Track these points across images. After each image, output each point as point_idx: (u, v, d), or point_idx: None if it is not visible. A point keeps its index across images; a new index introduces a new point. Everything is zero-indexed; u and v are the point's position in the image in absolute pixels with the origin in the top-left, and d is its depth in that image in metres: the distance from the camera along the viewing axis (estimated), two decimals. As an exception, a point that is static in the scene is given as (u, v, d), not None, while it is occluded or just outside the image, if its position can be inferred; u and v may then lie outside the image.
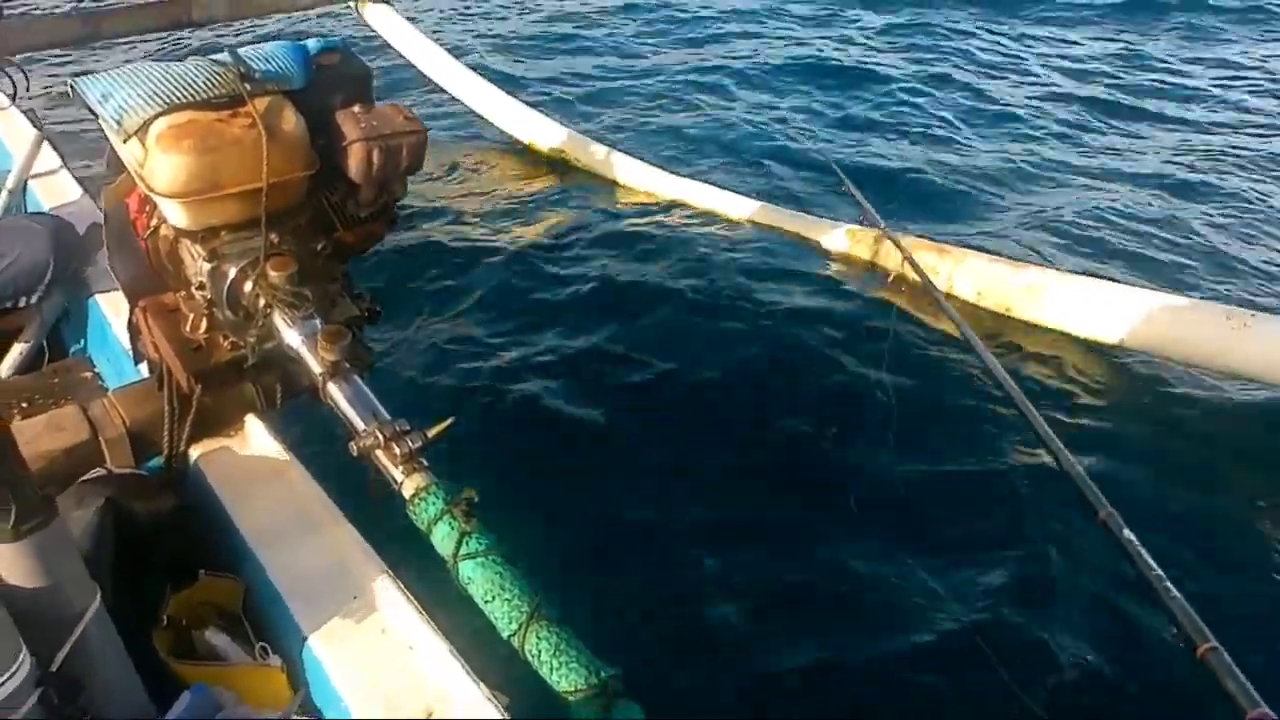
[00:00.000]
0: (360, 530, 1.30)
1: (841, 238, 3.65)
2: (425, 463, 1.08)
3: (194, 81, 1.25)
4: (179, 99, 1.22)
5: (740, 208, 3.98)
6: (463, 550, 0.98)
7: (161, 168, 1.19)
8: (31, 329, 2.26)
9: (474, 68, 5.06)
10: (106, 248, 1.48)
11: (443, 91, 4.97)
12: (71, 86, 1.29)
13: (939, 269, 3.28)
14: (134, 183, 1.36)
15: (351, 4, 4.70)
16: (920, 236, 3.48)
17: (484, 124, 4.93)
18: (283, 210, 1.29)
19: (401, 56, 4.93)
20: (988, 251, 3.43)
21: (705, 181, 4.22)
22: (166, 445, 1.46)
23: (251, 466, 1.46)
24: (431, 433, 1.10)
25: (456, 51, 5.27)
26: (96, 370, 2.17)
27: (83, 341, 2.25)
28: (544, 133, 4.68)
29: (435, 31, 5.64)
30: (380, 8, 4.74)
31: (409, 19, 4.93)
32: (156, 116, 1.20)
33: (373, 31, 4.95)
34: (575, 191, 4.41)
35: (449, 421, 1.11)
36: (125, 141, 1.22)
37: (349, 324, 1.35)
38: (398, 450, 1.08)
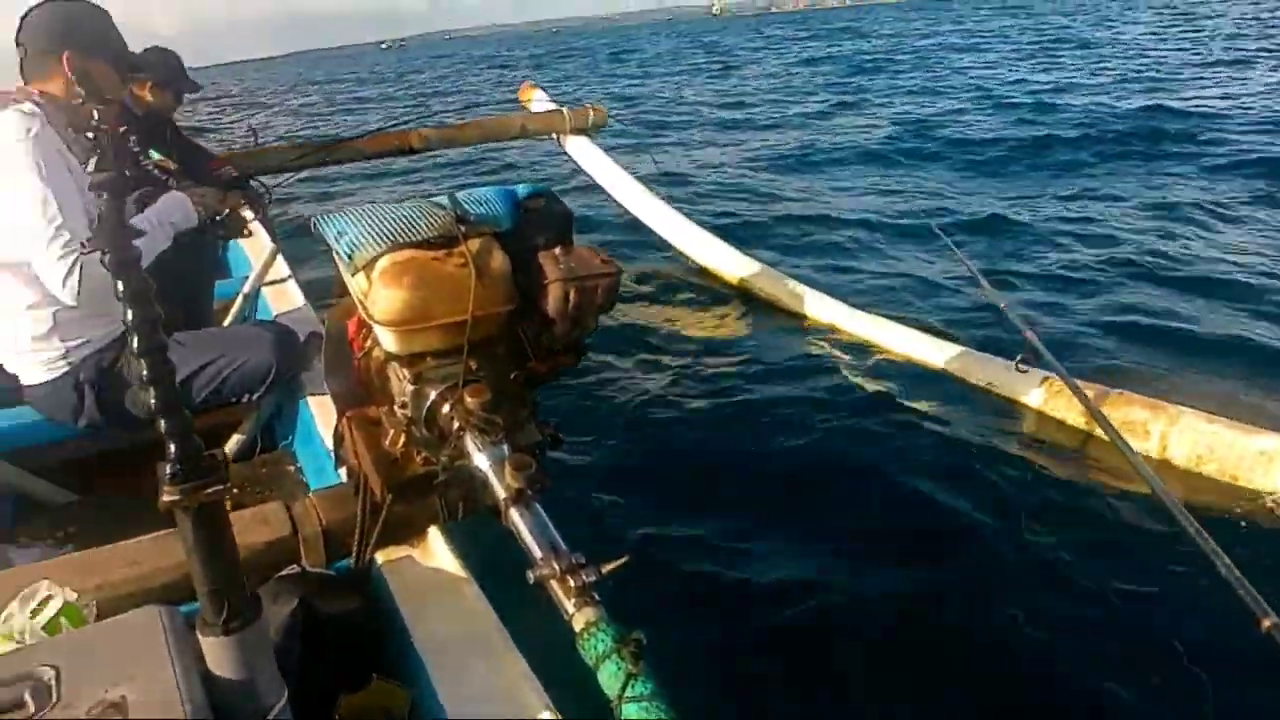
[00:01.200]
0: (524, 653, 1.34)
1: (1040, 394, 3.38)
2: (597, 597, 1.11)
3: (416, 223, 1.39)
4: (402, 239, 1.35)
5: (909, 342, 3.91)
6: (628, 692, 0.99)
7: (382, 299, 1.31)
8: (249, 422, 2.49)
9: (664, 197, 5.31)
10: (324, 361, 1.62)
11: (633, 216, 5.24)
12: (313, 223, 1.46)
13: (1150, 428, 2.98)
14: (354, 307, 1.51)
15: (555, 136, 5.03)
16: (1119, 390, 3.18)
17: (670, 249, 5.14)
18: (483, 340, 1.39)
19: (598, 184, 5.23)
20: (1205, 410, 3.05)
21: (872, 311, 4.19)
22: (356, 548, 1.56)
23: (431, 578, 1.53)
24: (606, 569, 1.13)
25: (649, 180, 5.54)
26: (299, 465, 2.36)
27: (291, 438, 2.45)
28: (728, 261, 4.82)
29: (630, 161, 5.94)
30: (580, 139, 5.05)
31: (606, 149, 5.23)
32: (382, 254, 1.34)
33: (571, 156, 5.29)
34: (756, 322, 4.49)
35: (624, 559, 1.14)
36: (353, 274, 1.36)
37: (532, 448, 1.43)
38: (572, 583, 1.12)
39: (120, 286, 0.84)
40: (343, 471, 1.77)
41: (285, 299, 3.03)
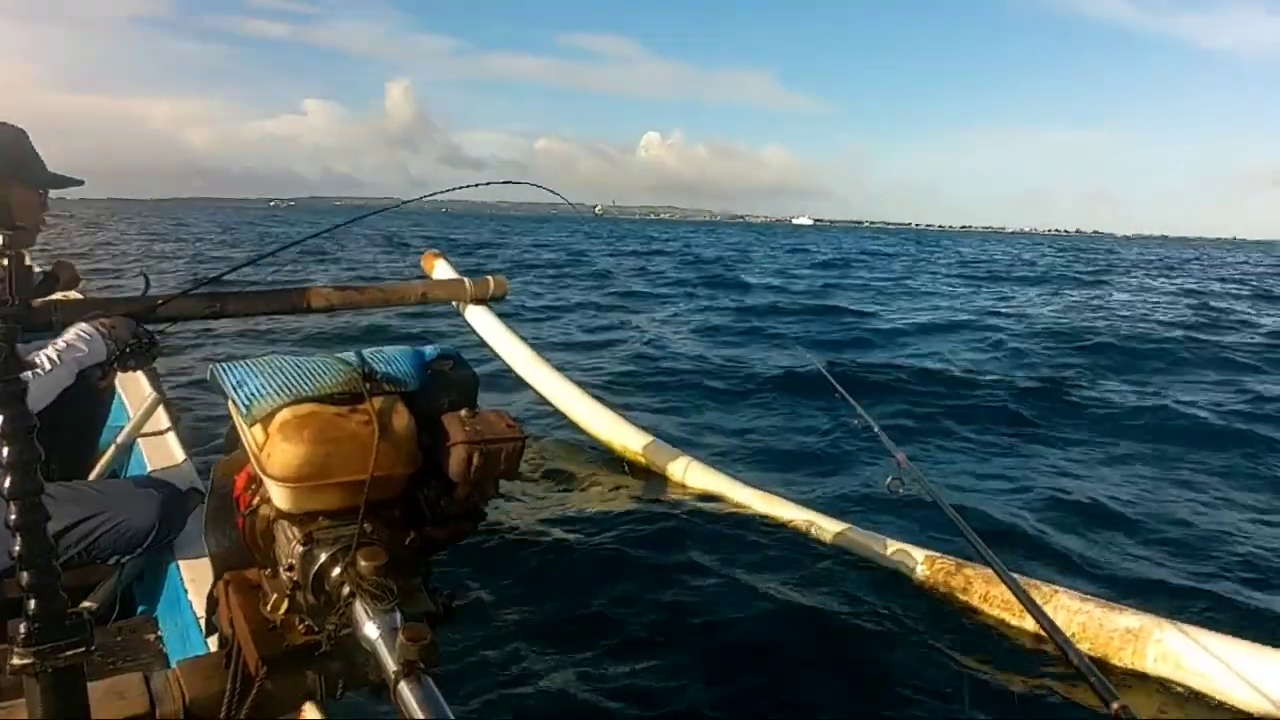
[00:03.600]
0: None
1: (920, 565, 3.52)
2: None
3: (321, 377, 1.36)
4: (306, 392, 1.32)
5: (809, 520, 3.97)
6: None
7: (279, 454, 1.26)
8: (109, 583, 2.31)
9: (560, 367, 5.38)
10: (205, 518, 1.53)
11: (531, 389, 5.28)
12: (211, 372, 1.41)
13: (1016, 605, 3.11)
14: (245, 461, 1.44)
15: (455, 304, 5.07)
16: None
17: (566, 422, 5.16)
18: (380, 502, 1.34)
19: (496, 354, 5.28)
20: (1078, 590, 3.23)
21: (774, 492, 4.25)
22: (221, 728, 1.43)
23: (302, 761, 1.40)
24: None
25: (549, 351, 5.63)
26: (161, 634, 2.17)
27: (153, 603, 2.27)
28: (625, 436, 4.86)
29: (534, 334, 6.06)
30: (480, 309, 5.11)
31: (504, 319, 5.30)
32: (283, 406, 1.30)
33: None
34: (647, 491, 4.49)
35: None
36: (250, 425, 1.30)
37: (425, 618, 1.35)
38: (461, 766, 1.04)
39: (0, 421, 0.78)
40: (212, 641, 1.64)
41: (164, 453, 2.88)
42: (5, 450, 0.79)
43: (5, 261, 0.78)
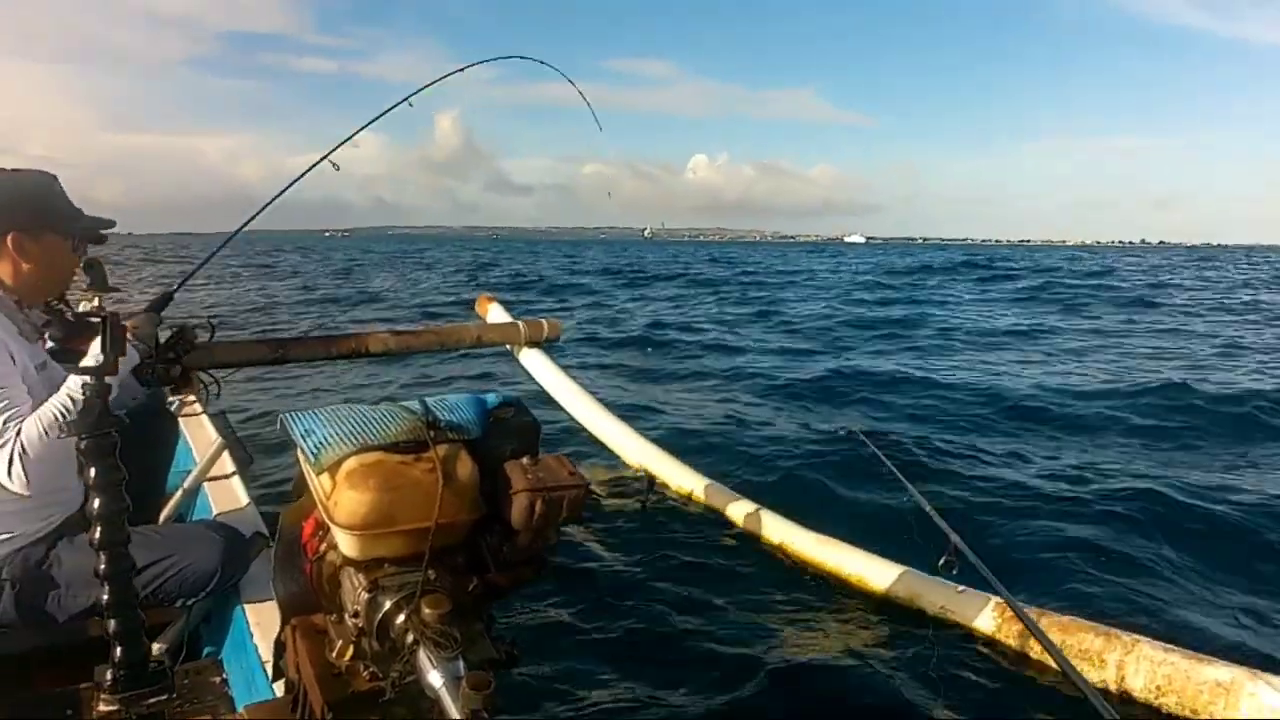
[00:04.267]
0: None
1: (986, 618, 3.35)
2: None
3: (386, 426, 1.39)
4: (372, 441, 1.35)
5: (856, 564, 3.90)
6: None
7: (346, 501, 1.29)
8: (177, 627, 2.35)
9: (616, 412, 5.40)
10: (273, 564, 1.56)
11: (586, 432, 5.30)
12: (281, 420, 1.45)
13: (1105, 657, 2.95)
14: (312, 507, 1.47)
15: (510, 347, 5.14)
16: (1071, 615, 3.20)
17: (623, 465, 5.16)
18: (444, 550, 1.36)
19: (552, 398, 5.32)
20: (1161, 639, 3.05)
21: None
22: (287, 774, 1.44)
23: (370, 810, 1.41)
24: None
25: (601, 395, 5.64)
26: (226, 677, 2.20)
27: (219, 646, 2.31)
28: (677, 476, 4.84)
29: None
30: (534, 352, 5.17)
31: (559, 363, 5.35)
32: (349, 455, 1.33)
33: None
34: (706, 538, 4.46)
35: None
36: (318, 474, 1.34)
37: (487, 666, 1.36)
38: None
39: (93, 474, 0.82)
40: (278, 686, 1.67)
41: (228, 497, 2.94)
42: (96, 502, 0.82)
43: (100, 321, 0.82)
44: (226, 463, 3.19)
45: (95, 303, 0.80)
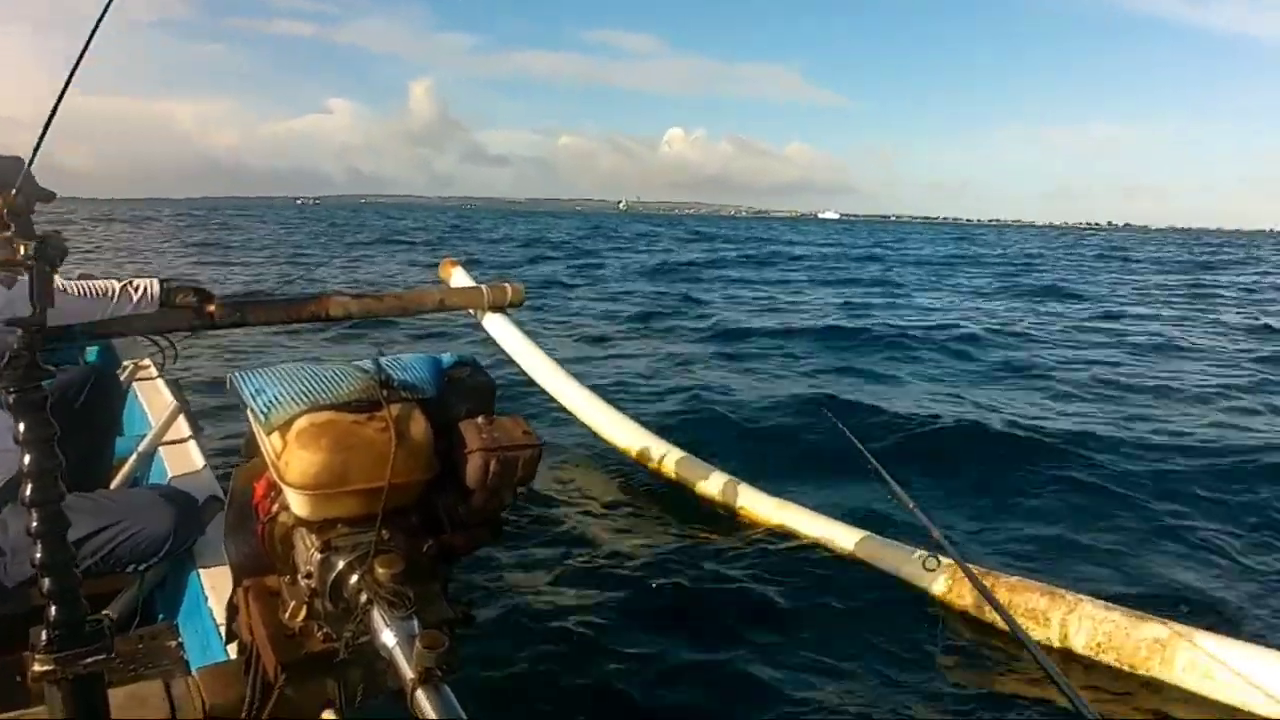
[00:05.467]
0: None
1: (942, 582, 3.41)
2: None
3: (338, 385, 1.36)
4: (323, 400, 1.32)
5: (816, 526, 3.93)
6: None
7: (297, 461, 1.26)
8: (130, 592, 2.32)
9: (577, 376, 5.37)
10: (225, 526, 1.53)
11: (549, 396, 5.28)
12: (230, 379, 1.42)
13: (1049, 615, 3.03)
14: (264, 469, 1.45)
15: (473, 312, 5.08)
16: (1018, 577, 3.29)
17: (585, 430, 5.15)
18: (397, 510, 1.34)
19: (514, 362, 5.28)
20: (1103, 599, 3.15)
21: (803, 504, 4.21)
22: (240, 736, 1.43)
23: (322, 770, 1.40)
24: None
25: (567, 360, 5.62)
26: (182, 641, 2.18)
27: (174, 611, 2.28)
28: (638, 441, 4.84)
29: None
30: (497, 316, 5.11)
31: (522, 327, 5.31)
32: (301, 414, 1.30)
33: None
34: (665, 502, 4.48)
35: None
36: (269, 433, 1.31)
37: (443, 626, 1.35)
38: (479, 775, 1.04)
39: (22, 429, 0.79)
40: (232, 648, 1.65)
41: (184, 460, 2.89)
42: (26, 458, 0.79)
43: (27, 274, 0.79)
44: (182, 426, 3.14)
45: (20, 251, 0.76)
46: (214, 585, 2.07)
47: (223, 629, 1.86)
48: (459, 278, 5.56)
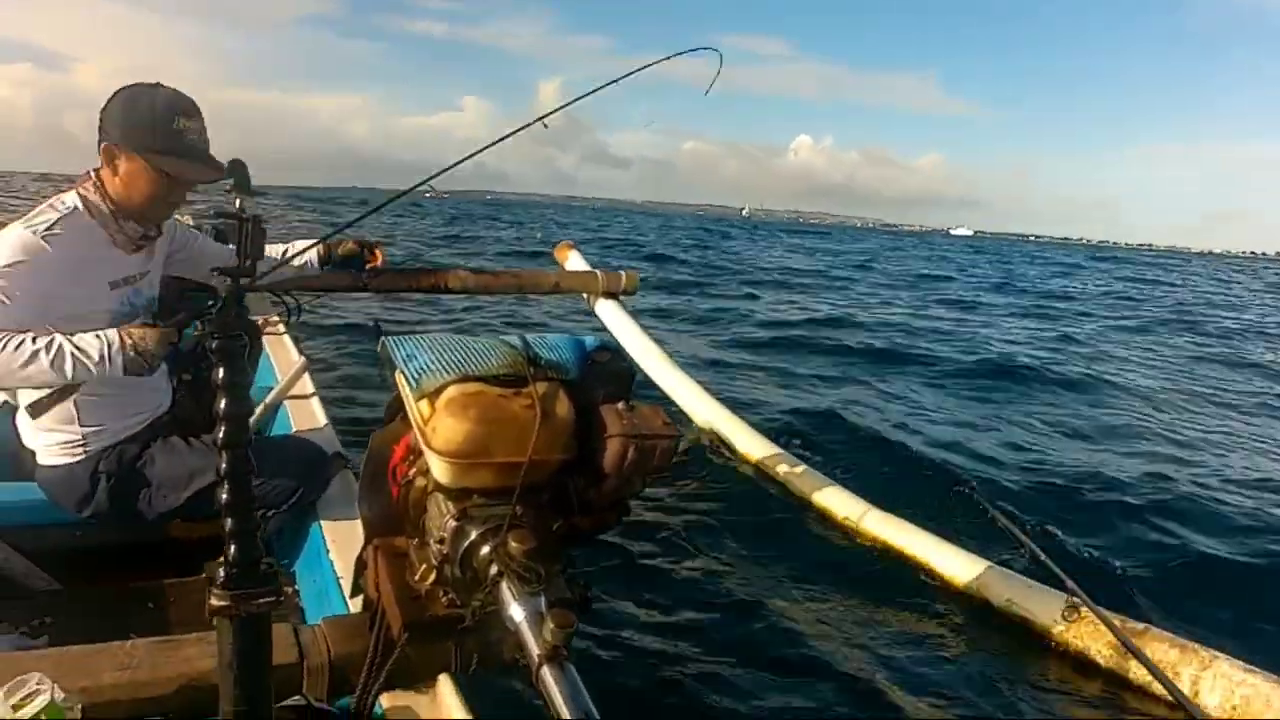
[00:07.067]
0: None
1: (1064, 622, 3.15)
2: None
3: (487, 358, 1.39)
4: (473, 371, 1.35)
5: (927, 549, 3.79)
6: None
7: (444, 429, 1.29)
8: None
9: (687, 368, 5.35)
10: (360, 484, 1.58)
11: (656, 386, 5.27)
12: (382, 344, 1.45)
13: (1180, 670, 2.80)
14: (404, 431, 1.48)
15: (586, 296, 5.13)
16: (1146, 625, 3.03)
17: (690, 421, 5.12)
18: (532, 486, 1.36)
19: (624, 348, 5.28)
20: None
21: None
22: (361, 687, 1.47)
23: (435, 728, 1.44)
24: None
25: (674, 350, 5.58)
26: (298, 589, 2.26)
27: (292, 560, 2.36)
28: (744, 440, 4.79)
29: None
30: (610, 303, 5.14)
31: (634, 315, 5.32)
32: (450, 383, 1.33)
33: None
34: (768, 504, 4.39)
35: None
36: (418, 399, 1.34)
37: (564, 606, 1.36)
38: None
39: (220, 374, 0.82)
40: (354, 602, 1.70)
41: (307, 416, 2.99)
42: (223, 403, 0.83)
43: (239, 224, 0.82)
44: (307, 383, 3.26)
45: (237, 204, 0.80)
46: (335, 539, 2.13)
47: (343, 582, 1.92)
48: (574, 261, 5.61)
